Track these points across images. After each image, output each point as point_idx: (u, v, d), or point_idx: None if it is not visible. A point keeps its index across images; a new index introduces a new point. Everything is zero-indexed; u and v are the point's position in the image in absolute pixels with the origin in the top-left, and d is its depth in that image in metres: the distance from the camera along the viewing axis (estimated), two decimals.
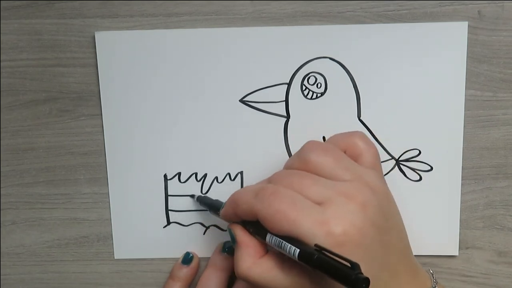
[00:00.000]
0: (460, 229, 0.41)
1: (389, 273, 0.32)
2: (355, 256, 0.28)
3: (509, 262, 0.41)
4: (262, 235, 0.33)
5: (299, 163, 0.34)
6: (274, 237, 0.31)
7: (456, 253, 0.41)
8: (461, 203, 0.40)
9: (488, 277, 0.42)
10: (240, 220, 0.35)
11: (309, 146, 0.34)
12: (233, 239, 0.34)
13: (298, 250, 0.29)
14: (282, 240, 0.31)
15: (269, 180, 0.34)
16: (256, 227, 0.33)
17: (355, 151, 0.35)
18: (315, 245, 0.29)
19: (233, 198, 0.34)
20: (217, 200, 0.39)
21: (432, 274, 0.36)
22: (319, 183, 0.32)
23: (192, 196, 0.41)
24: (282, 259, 0.32)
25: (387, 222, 0.33)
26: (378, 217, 0.32)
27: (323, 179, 0.33)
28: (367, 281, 0.26)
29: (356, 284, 0.26)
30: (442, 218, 0.40)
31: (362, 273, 0.26)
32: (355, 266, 0.27)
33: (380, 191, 0.33)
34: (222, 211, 0.36)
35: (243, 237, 0.34)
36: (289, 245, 0.30)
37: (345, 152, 0.35)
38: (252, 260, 0.33)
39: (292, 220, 0.30)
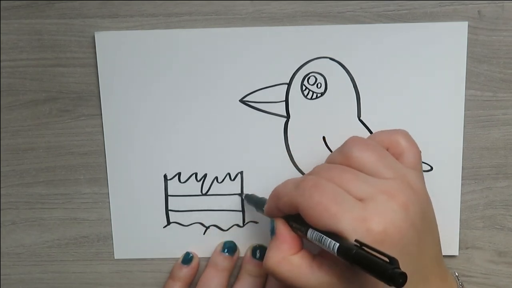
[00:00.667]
0: (460, 229, 0.41)
1: (421, 276, 0.32)
2: (391, 254, 0.28)
3: (509, 262, 0.41)
4: (303, 231, 0.32)
5: (341, 158, 0.34)
6: (315, 232, 0.31)
7: (456, 253, 0.41)
8: (461, 203, 0.40)
9: (488, 277, 0.42)
10: (282, 216, 0.34)
11: (352, 141, 0.34)
12: (273, 231, 0.34)
13: (337, 245, 0.29)
14: (322, 235, 0.30)
15: (310, 173, 0.34)
16: (298, 221, 0.33)
17: (397, 149, 0.35)
18: (356, 240, 0.29)
19: (275, 192, 0.34)
20: (263, 198, 0.39)
21: (457, 277, 0.36)
22: (361, 179, 0.32)
23: (240, 194, 0.41)
24: (313, 258, 0.32)
25: (426, 224, 0.32)
26: (418, 219, 0.31)
27: (365, 175, 0.32)
28: (404, 276, 0.25)
29: (393, 279, 0.25)
30: (442, 218, 0.40)
31: (399, 268, 0.26)
32: (393, 261, 0.26)
33: (421, 192, 0.33)
34: (265, 207, 0.36)
35: (283, 231, 0.34)
36: (329, 239, 0.30)
37: (387, 150, 0.35)
38: (283, 255, 0.32)
39: (332, 214, 0.30)
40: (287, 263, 0.32)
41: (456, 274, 0.37)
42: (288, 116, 0.40)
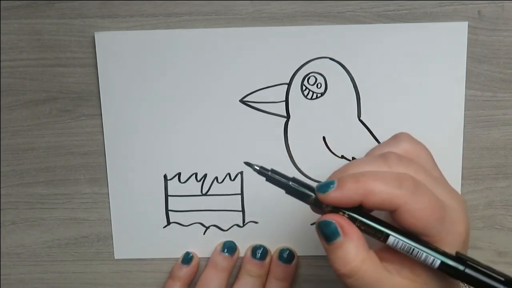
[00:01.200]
0: None
1: None
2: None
3: (509, 262, 0.41)
4: (377, 229, 0.30)
5: (408, 149, 0.34)
6: (402, 241, 0.29)
7: None
8: None
9: None
10: (352, 206, 0.30)
11: (408, 136, 0.36)
12: (335, 232, 0.29)
13: (438, 261, 0.28)
14: (413, 247, 0.29)
15: (387, 162, 0.31)
16: (370, 219, 0.30)
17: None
18: (457, 253, 0.28)
19: (365, 185, 0.29)
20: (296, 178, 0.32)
21: None
22: (434, 180, 0.32)
23: (250, 165, 0.32)
24: (378, 254, 0.30)
25: None
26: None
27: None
28: None
29: None
30: None
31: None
32: (509, 282, 0.26)
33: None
34: (336, 194, 0.29)
35: (352, 228, 0.30)
36: (425, 253, 0.28)
37: None
38: (366, 252, 0.29)
39: (438, 217, 0.29)
40: (371, 261, 0.29)
41: None
42: (288, 116, 0.40)
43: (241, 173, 0.41)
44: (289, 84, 0.40)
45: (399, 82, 0.39)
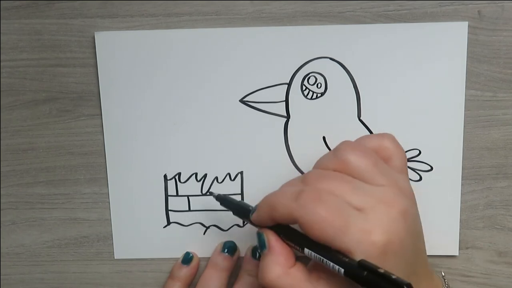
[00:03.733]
0: (460, 229, 0.41)
1: (417, 277, 0.32)
2: (393, 265, 0.28)
3: (509, 262, 0.41)
4: (296, 241, 0.32)
5: (336, 163, 0.33)
6: (312, 252, 0.30)
7: (456, 253, 0.41)
8: (461, 203, 0.40)
9: (488, 277, 0.42)
10: (273, 225, 0.33)
11: (347, 146, 0.33)
12: (263, 245, 0.33)
13: (343, 270, 0.28)
14: (322, 257, 0.30)
15: (304, 181, 0.33)
16: (291, 233, 0.32)
17: (386, 154, 0.34)
18: (360, 261, 0.28)
19: (270, 202, 0.32)
20: (242, 202, 0.38)
21: (443, 277, 0.37)
22: (359, 189, 0.31)
23: (210, 193, 0.40)
24: (309, 271, 0.32)
25: (418, 228, 0.33)
26: (413, 224, 0.31)
27: (362, 184, 0.32)
28: None
29: None
30: (442, 218, 0.40)
31: None
32: (406, 285, 0.26)
33: (411, 197, 0.33)
34: (254, 216, 0.34)
35: (276, 243, 0.32)
36: (331, 262, 0.29)
37: None
38: (282, 269, 0.31)
39: (337, 228, 0.29)
40: (287, 277, 0.31)
41: (443, 274, 0.37)
42: (288, 116, 0.40)
43: (241, 173, 0.41)
44: (289, 84, 0.40)
45: (399, 82, 0.39)
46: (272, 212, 0.32)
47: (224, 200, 0.38)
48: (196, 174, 0.41)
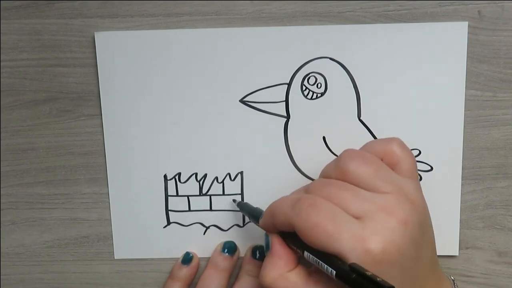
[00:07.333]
0: (460, 229, 0.41)
1: (419, 284, 0.32)
2: (390, 273, 0.28)
3: (509, 262, 0.41)
4: (299, 247, 0.32)
5: (337, 172, 0.33)
6: (310, 255, 0.31)
7: (456, 253, 0.41)
8: (461, 203, 0.40)
9: (488, 277, 0.42)
10: (278, 231, 0.34)
11: (348, 154, 0.33)
12: (267, 247, 0.34)
13: (334, 272, 0.29)
14: (318, 260, 0.30)
15: (306, 190, 0.33)
16: (294, 239, 0.32)
17: (393, 159, 0.34)
18: (350, 264, 0.28)
19: (271, 209, 0.34)
20: (257, 208, 0.39)
21: (453, 281, 0.36)
22: (359, 196, 0.31)
23: (234, 200, 0.41)
24: (309, 275, 0.32)
25: (424, 236, 0.32)
26: (417, 233, 0.31)
27: (363, 191, 0.31)
28: None
29: None
30: (442, 218, 0.40)
31: None
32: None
33: (418, 203, 0.32)
34: (261, 222, 0.35)
35: (278, 247, 0.33)
36: (326, 265, 0.30)
37: (381, 160, 0.34)
38: (280, 272, 0.32)
39: (330, 234, 0.29)
40: (283, 281, 0.32)
41: (452, 278, 0.37)
42: (288, 116, 0.40)
43: (241, 173, 0.41)
44: (289, 84, 0.40)
45: (399, 82, 0.39)
46: (273, 218, 0.33)
47: (244, 206, 0.40)
48: (196, 174, 0.41)
